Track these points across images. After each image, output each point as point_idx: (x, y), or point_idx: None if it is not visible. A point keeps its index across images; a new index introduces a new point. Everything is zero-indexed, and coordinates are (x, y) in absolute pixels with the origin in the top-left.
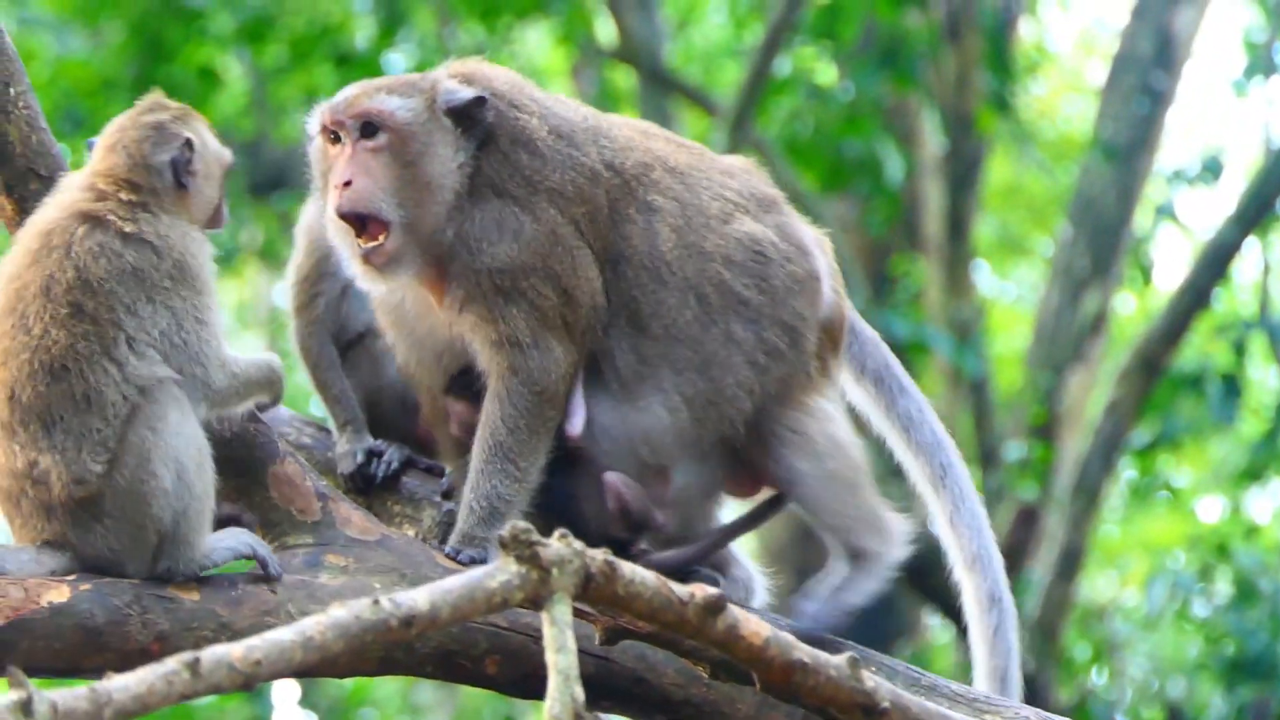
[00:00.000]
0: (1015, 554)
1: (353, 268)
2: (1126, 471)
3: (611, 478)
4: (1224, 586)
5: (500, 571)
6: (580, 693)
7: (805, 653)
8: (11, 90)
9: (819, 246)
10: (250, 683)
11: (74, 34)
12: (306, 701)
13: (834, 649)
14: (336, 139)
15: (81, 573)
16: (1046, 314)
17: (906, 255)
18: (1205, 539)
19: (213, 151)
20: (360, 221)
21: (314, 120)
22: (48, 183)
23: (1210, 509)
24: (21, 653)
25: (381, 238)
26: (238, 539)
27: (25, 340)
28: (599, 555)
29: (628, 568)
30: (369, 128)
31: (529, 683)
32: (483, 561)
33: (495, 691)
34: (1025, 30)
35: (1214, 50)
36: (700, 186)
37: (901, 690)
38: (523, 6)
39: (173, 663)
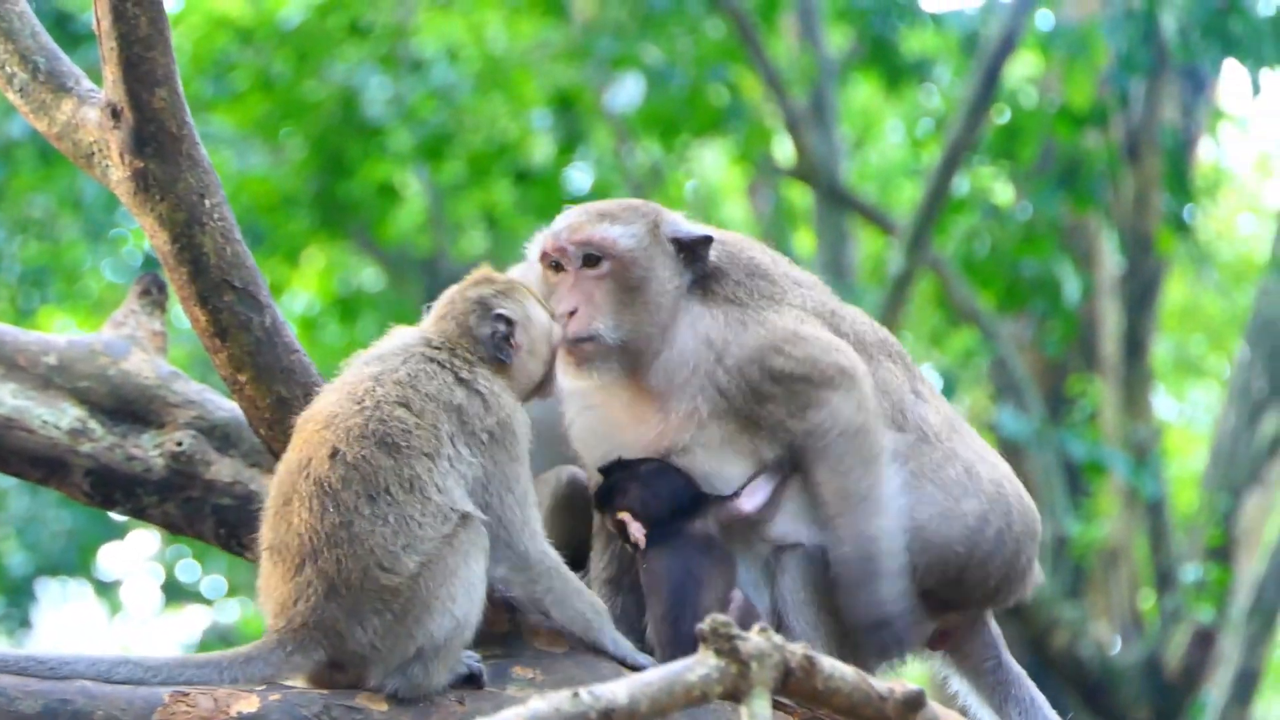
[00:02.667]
0: (1190, 676)
1: (566, 372)
2: None
3: (739, 595)
4: None
5: (700, 665)
6: None
7: None
8: (207, 202)
9: None
10: None
11: (254, 150)
12: None
13: None
14: (559, 267)
15: (330, 669)
16: (1224, 435)
17: (1083, 375)
18: None
19: (539, 326)
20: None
21: (535, 247)
22: (241, 294)
23: None
24: None
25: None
26: (468, 662)
27: (355, 409)
28: (799, 650)
29: (827, 662)
30: (591, 258)
31: None
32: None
33: None
34: (1204, 151)
35: None
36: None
37: None
38: (701, 125)
39: None
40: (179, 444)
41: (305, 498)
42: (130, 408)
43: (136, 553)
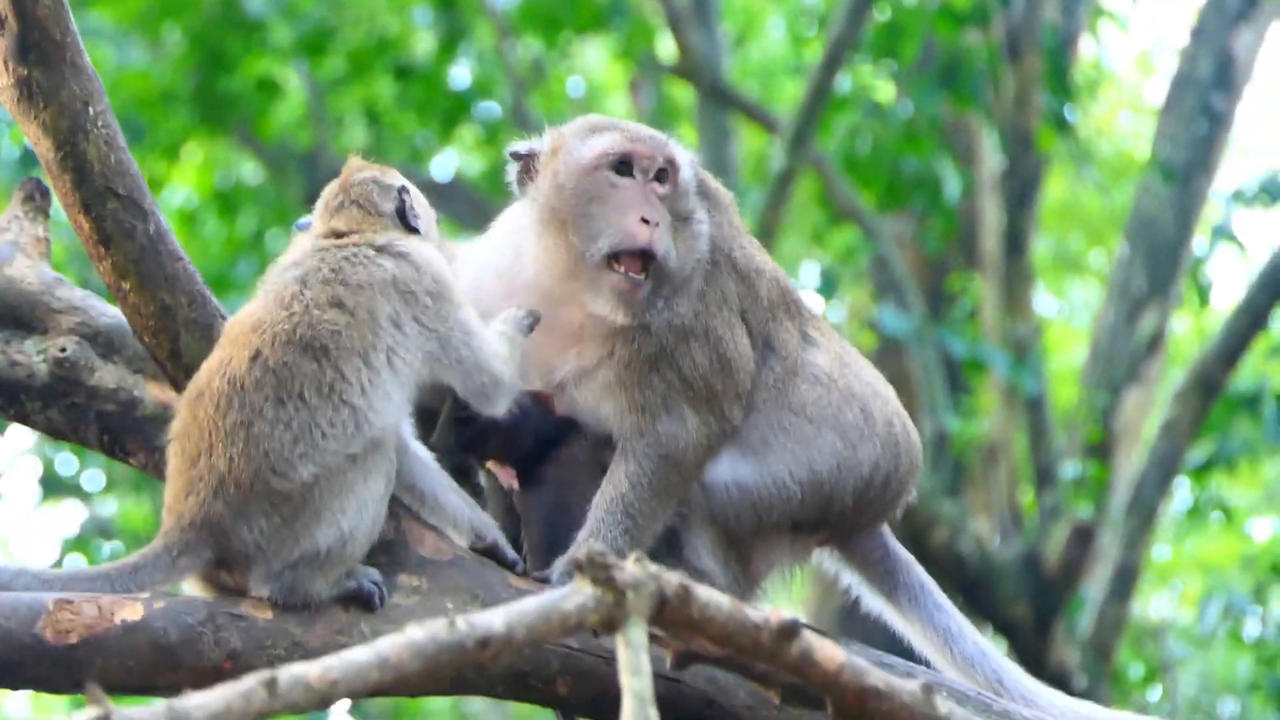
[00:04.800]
0: (1069, 573)
1: (596, 296)
2: (1181, 491)
3: None
4: (1278, 607)
5: (576, 594)
6: (655, 716)
7: (879, 679)
8: (91, 110)
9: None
10: (326, 702)
11: (134, 45)
12: (357, 709)
13: None
14: (625, 171)
15: (217, 565)
16: (1103, 333)
17: (963, 273)
18: (1260, 559)
19: (422, 200)
20: (635, 258)
21: (603, 143)
22: (125, 202)
23: (1263, 529)
24: (95, 670)
25: (644, 274)
26: (362, 579)
27: (282, 314)
28: (674, 579)
29: (703, 591)
30: (663, 174)
31: (600, 704)
32: None
33: (567, 713)
34: (1085, 49)
35: (1274, 72)
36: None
37: (974, 716)
38: (583, 22)
39: (250, 681)
40: (62, 350)
41: (215, 394)
42: (14, 313)
43: (14, 446)
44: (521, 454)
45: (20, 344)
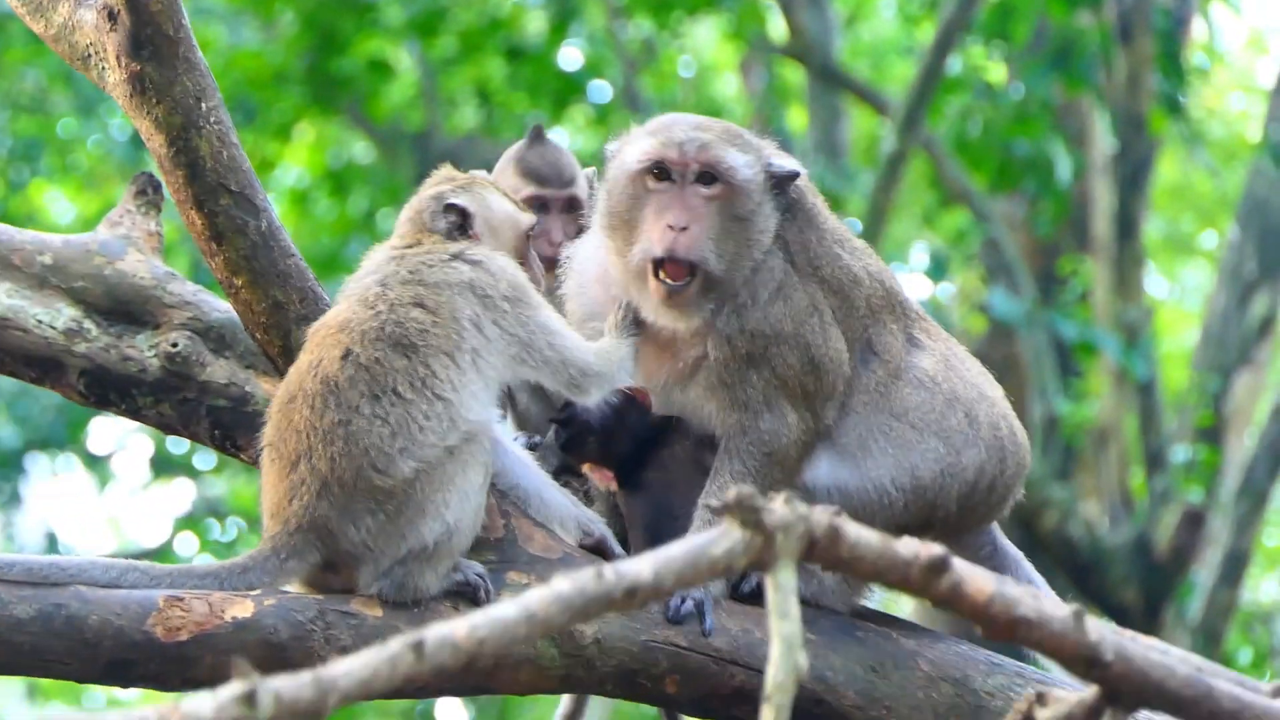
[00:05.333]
0: (1179, 557)
1: (648, 303)
2: None
3: None
4: None
5: (724, 537)
6: (804, 660)
7: (1030, 608)
8: (204, 105)
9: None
10: (473, 661)
11: (247, 25)
12: (467, 700)
13: None
14: (664, 176)
15: (324, 571)
16: (1214, 316)
17: (1074, 256)
18: None
19: (499, 215)
20: (677, 264)
21: (639, 150)
22: (238, 198)
23: None
24: (205, 667)
25: (686, 279)
26: (467, 573)
27: (368, 314)
28: (824, 518)
29: (852, 529)
30: (708, 176)
31: (709, 702)
32: (701, 607)
33: (677, 711)
34: (1197, 30)
35: None
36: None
37: (1126, 643)
38: (695, 2)
39: (396, 644)
40: (174, 345)
41: (310, 395)
42: (126, 308)
43: (125, 426)
44: (620, 455)
45: (132, 339)
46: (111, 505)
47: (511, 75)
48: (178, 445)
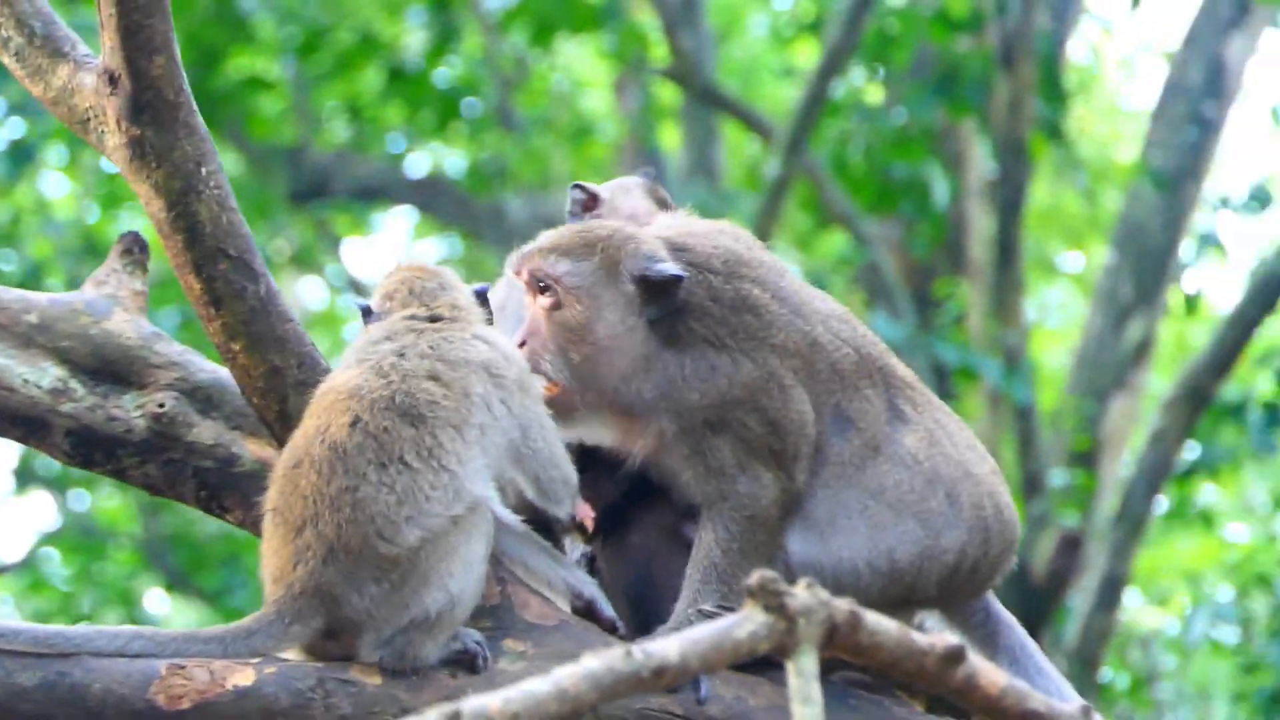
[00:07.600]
0: (1057, 581)
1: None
2: (1162, 497)
3: None
4: (1261, 613)
5: (748, 621)
6: None
7: (1040, 703)
8: (203, 170)
9: None
10: None
11: None
12: None
13: None
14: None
15: (325, 638)
16: (1089, 340)
17: (950, 278)
18: (1241, 566)
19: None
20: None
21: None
22: (236, 263)
23: (1240, 533)
24: None
25: (556, 390)
26: (466, 641)
27: (380, 382)
28: (844, 606)
29: (871, 618)
30: (542, 285)
31: None
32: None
33: None
34: (1074, 51)
35: (1266, 80)
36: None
37: None
38: (579, 22)
39: (433, 715)
40: (161, 405)
41: (317, 461)
42: (112, 368)
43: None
44: (605, 501)
45: (119, 398)
46: None
47: (385, 91)
48: (46, 462)
